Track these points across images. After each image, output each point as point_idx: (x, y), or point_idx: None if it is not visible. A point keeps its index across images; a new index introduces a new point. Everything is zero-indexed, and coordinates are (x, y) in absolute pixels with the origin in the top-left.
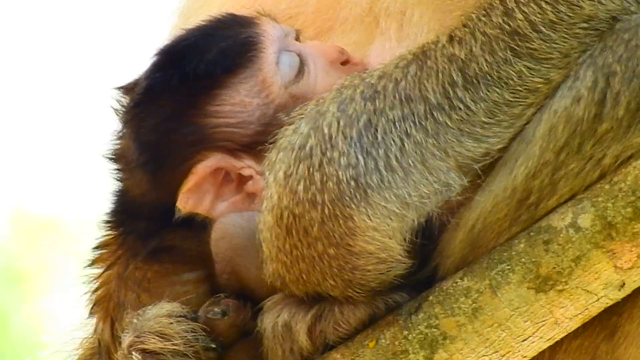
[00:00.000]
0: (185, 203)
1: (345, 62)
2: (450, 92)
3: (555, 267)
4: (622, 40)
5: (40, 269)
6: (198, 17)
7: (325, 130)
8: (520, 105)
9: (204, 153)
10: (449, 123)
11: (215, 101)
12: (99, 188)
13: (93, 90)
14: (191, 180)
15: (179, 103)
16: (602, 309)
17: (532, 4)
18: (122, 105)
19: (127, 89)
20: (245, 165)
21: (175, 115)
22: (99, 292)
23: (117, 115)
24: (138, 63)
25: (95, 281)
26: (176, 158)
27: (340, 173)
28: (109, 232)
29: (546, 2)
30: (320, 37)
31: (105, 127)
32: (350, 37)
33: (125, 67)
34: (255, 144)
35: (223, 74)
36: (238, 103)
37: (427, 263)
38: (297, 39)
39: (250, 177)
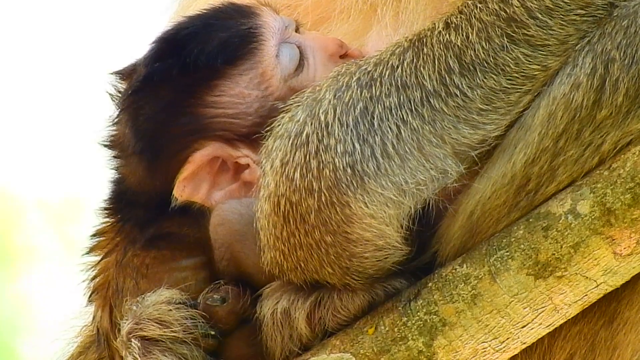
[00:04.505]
0: (181, 191)
1: (344, 55)
2: (447, 78)
3: (554, 254)
4: (621, 27)
5: (25, 249)
6: (198, 5)
7: (322, 118)
8: (517, 92)
9: (201, 142)
10: (446, 110)
11: (215, 92)
12: (85, 168)
13: (82, 73)
14: (188, 168)
15: (178, 93)
16: (602, 295)
17: None
18: (118, 91)
19: (123, 75)
20: (242, 155)
21: (174, 105)
22: (97, 279)
23: (113, 100)
24: (133, 48)
25: (93, 269)
26: (173, 147)
27: (336, 160)
28: (107, 219)
29: None
30: (318, 26)
31: (93, 108)
32: (348, 26)
33: (117, 51)
34: (252, 134)
35: (223, 65)
36: (237, 94)
37: (426, 250)
38: (297, 30)
39: (247, 166)
